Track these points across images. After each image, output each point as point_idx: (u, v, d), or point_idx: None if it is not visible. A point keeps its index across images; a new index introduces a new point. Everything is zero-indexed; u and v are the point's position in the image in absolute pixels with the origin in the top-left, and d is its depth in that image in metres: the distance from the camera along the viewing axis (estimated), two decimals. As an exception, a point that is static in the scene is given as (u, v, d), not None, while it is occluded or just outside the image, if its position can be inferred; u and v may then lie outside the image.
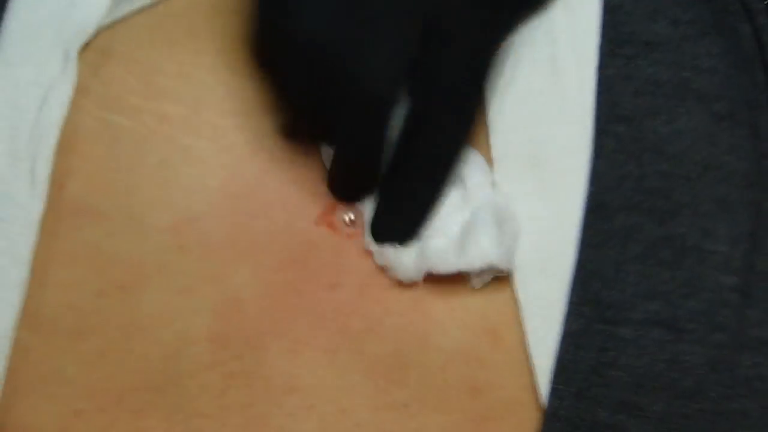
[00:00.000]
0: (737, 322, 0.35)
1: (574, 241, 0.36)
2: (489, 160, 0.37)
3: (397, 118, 0.36)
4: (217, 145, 0.38)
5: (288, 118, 0.37)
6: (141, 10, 0.39)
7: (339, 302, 0.36)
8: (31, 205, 0.36)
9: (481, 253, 0.35)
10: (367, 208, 0.37)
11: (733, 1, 0.39)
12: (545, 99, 0.38)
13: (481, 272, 0.36)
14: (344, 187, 0.37)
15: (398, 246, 0.36)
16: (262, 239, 0.37)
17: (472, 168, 0.36)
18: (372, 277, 0.36)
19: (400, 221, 0.36)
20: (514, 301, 0.36)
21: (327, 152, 0.37)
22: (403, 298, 0.36)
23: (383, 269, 0.36)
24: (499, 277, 0.36)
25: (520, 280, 0.36)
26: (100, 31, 0.39)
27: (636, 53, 0.38)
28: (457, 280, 0.36)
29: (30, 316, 0.36)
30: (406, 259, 0.36)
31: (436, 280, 0.36)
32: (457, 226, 0.36)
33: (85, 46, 0.38)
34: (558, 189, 0.37)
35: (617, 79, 0.38)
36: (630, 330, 0.35)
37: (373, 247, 0.36)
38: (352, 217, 0.37)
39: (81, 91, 0.38)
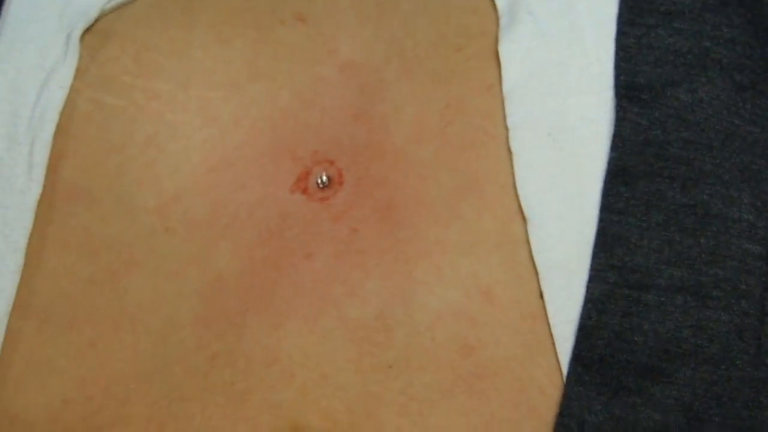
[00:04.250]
0: (762, 291, 0.35)
1: (595, 208, 0.35)
2: (504, 128, 0.36)
3: None
4: (201, 118, 0.37)
5: None
6: None
7: (317, 270, 0.35)
8: (28, 189, 0.36)
9: None
10: None
11: (756, -31, 0.39)
12: (564, 69, 0.37)
13: None
14: None
15: None
16: (242, 213, 0.36)
17: None
18: (347, 243, 0.36)
19: None
20: (509, 263, 0.35)
21: None
22: (384, 261, 0.35)
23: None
24: (491, 240, 0.35)
25: (538, 249, 0.35)
26: (103, 15, 0.38)
27: (656, 23, 0.37)
28: (442, 240, 0.35)
29: (23, 305, 0.35)
30: None
31: (416, 241, 0.35)
32: None
33: (87, 30, 0.38)
34: (578, 156, 0.36)
35: (637, 48, 0.37)
36: (654, 296, 0.34)
37: None
38: (325, 179, 0.36)
39: (78, 74, 0.37)
